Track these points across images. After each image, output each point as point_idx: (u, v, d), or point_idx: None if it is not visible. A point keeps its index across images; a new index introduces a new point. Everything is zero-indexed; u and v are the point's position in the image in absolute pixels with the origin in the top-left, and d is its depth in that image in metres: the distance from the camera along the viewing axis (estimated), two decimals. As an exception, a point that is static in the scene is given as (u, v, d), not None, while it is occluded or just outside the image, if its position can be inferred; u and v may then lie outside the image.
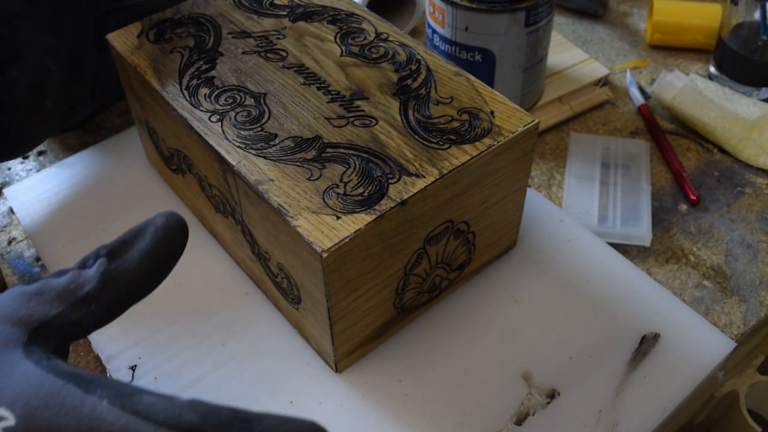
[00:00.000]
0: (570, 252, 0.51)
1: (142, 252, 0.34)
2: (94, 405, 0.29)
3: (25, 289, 0.33)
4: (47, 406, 0.29)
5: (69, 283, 0.33)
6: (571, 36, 0.77)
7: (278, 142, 0.41)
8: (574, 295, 0.48)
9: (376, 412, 0.42)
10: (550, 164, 0.62)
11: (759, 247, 0.55)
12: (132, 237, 0.34)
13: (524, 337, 0.46)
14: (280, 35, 0.48)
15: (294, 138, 0.41)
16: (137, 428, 0.28)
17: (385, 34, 0.48)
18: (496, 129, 0.41)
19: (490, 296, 0.48)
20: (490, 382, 0.43)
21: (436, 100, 0.43)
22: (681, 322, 0.46)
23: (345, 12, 0.50)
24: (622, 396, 0.43)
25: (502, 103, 0.43)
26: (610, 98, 0.68)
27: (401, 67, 0.45)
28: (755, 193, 0.59)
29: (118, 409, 0.29)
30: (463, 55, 0.60)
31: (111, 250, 0.34)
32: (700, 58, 0.74)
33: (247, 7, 0.51)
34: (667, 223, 0.57)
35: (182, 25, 0.50)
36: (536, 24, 0.58)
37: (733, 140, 0.62)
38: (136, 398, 0.29)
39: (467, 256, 0.46)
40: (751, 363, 0.59)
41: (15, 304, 0.33)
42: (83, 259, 0.34)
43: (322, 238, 0.36)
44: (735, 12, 0.66)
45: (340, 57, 0.46)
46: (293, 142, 0.41)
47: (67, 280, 0.33)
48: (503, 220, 0.47)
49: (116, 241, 0.34)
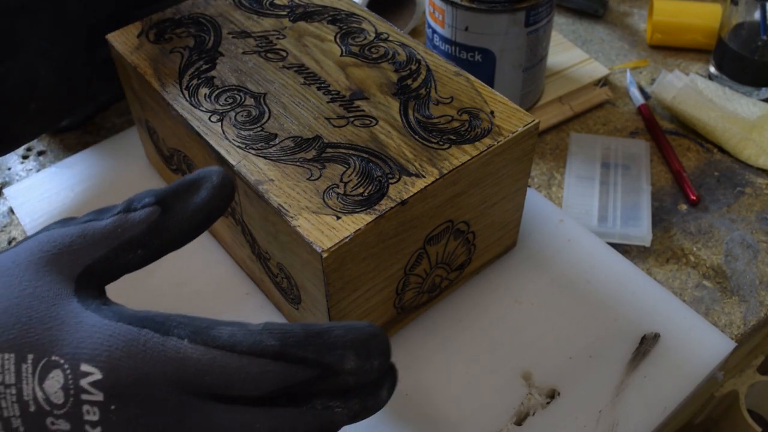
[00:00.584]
0: (570, 252, 0.51)
1: (196, 208, 0.33)
2: (177, 346, 0.29)
3: (65, 231, 0.32)
4: (130, 354, 0.29)
5: (115, 226, 0.32)
6: (571, 36, 0.77)
7: (278, 142, 0.41)
8: (574, 295, 0.48)
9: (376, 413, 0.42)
10: (550, 164, 0.62)
11: (759, 247, 0.55)
12: (185, 190, 0.33)
13: (524, 337, 0.46)
14: (280, 35, 0.48)
15: (294, 138, 0.41)
16: (224, 362, 0.29)
17: (385, 34, 0.48)
18: (496, 129, 0.41)
19: (490, 296, 0.48)
20: (490, 382, 0.43)
21: (436, 100, 0.43)
22: (681, 322, 0.46)
23: (345, 12, 0.50)
24: (622, 396, 0.43)
25: (502, 103, 0.43)
26: (610, 98, 0.68)
27: (401, 67, 0.45)
28: (755, 193, 0.59)
29: (201, 347, 0.29)
30: (463, 55, 0.60)
31: (162, 200, 0.33)
32: (700, 58, 0.74)
33: (247, 7, 0.51)
34: (667, 223, 0.57)
35: (182, 25, 0.50)
36: (536, 24, 0.58)
37: (733, 140, 0.62)
38: (214, 332, 0.29)
39: (467, 256, 0.46)
40: (751, 363, 0.59)
41: (57, 250, 0.32)
42: (128, 201, 0.33)
43: (322, 238, 0.36)
44: (735, 12, 0.66)
45: (340, 57, 0.46)
46: (293, 142, 0.41)
47: (112, 223, 0.32)
48: (503, 220, 0.47)
49: (168, 191, 0.33)
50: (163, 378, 0.29)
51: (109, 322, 0.30)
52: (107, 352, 0.29)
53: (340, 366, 0.30)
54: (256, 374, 0.29)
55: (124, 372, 0.29)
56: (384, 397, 0.32)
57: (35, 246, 0.32)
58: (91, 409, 0.29)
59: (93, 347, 0.29)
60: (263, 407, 0.30)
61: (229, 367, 0.29)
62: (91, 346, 0.29)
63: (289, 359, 0.29)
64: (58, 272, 0.31)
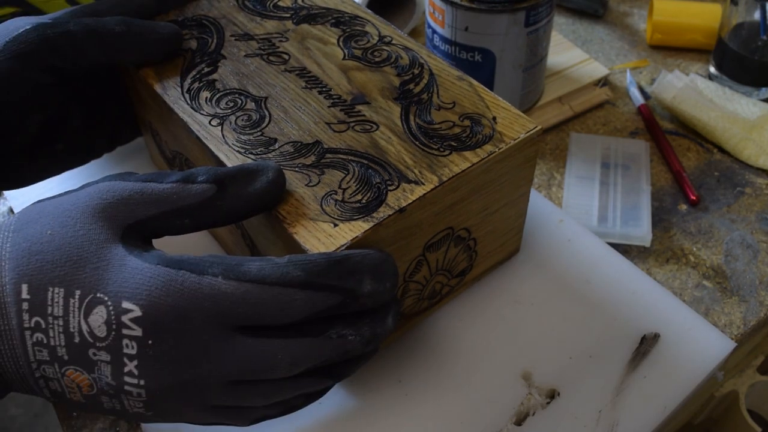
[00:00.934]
0: (570, 252, 0.51)
1: (248, 197, 0.36)
2: (212, 283, 0.32)
3: (126, 185, 0.35)
4: (168, 293, 0.31)
5: (172, 192, 0.35)
6: (571, 36, 0.77)
7: (278, 147, 0.41)
8: (574, 295, 0.48)
9: (376, 412, 0.42)
10: (550, 164, 0.62)
11: (759, 247, 0.55)
12: (242, 177, 0.36)
13: (524, 337, 0.46)
14: (283, 38, 0.48)
15: (294, 143, 0.41)
16: (255, 294, 0.32)
17: (389, 38, 0.48)
18: (497, 135, 0.41)
19: (490, 296, 0.48)
20: (490, 382, 0.44)
21: (438, 105, 0.43)
22: (681, 322, 0.47)
23: (349, 15, 0.50)
24: (622, 396, 0.43)
25: (505, 108, 0.43)
26: (610, 98, 0.68)
27: (404, 71, 0.45)
28: (755, 193, 0.59)
29: (234, 281, 0.32)
30: (463, 55, 0.60)
31: (221, 180, 0.35)
32: (700, 58, 0.74)
33: (251, 9, 0.51)
34: (667, 223, 0.57)
35: (185, 27, 0.50)
36: (536, 24, 0.58)
37: (733, 140, 0.62)
38: (244, 267, 0.32)
39: (468, 263, 0.46)
40: (751, 363, 0.59)
41: (115, 200, 0.34)
42: (188, 173, 0.35)
43: (319, 246, 0.36)
44: (735, 12, 0.66)
45: (342, 60, 0.46)
46: (293, 147, 0.41)
47: (170, 189, 0.35)
48: (505, 227, 0.47)
49: (228, 174, 0.36)
50: (199, 313, 0.31)
51: (149, 265, 0.32)
52: (147, 291, 0.32)
53: (359, 289, 0.33)
54: (285, 303, 0.32)
55: (162, 309, 0.31)
56: (390, 324, 0.35)
57: (95, 193, 0.34)
58: (129, 342, 0.32)
59: (134, 287, 0.32)
60: (286, 339, 0.32)
61: (261, 297, 0.32)
62: (132, 286, 0.32)
63: (314, 287, 0.32)
64: (111, 220, 0.34)
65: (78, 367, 0.32)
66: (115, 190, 0.34)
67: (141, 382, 0.32)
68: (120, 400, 0.33)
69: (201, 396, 0.33)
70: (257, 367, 0.32)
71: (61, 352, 0.32)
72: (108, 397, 0.33)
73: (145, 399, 0.33)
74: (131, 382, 0.32)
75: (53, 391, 0.33)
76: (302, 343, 0.33)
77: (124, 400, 0.33)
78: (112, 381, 0.32)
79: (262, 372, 0.33)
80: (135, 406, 0.33)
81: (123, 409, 0.34)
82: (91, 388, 0.33)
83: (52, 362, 0.32)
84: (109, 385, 0.32)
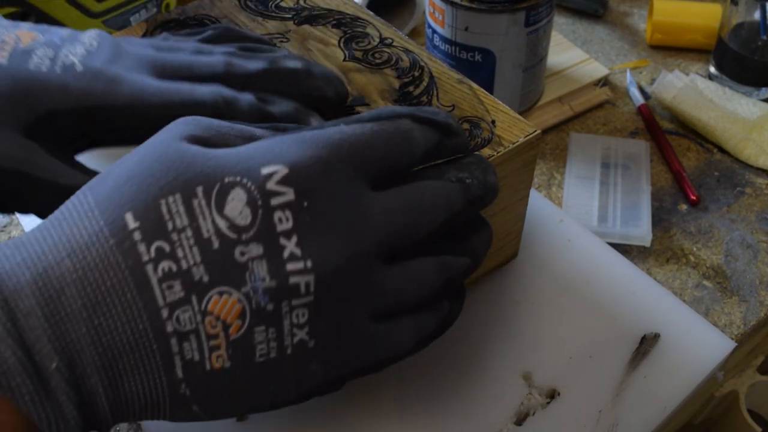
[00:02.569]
0: (570, 252, 0.51)
1: None
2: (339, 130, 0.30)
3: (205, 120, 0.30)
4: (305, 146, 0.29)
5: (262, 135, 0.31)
6: (571, 36, 0.77)
7: None
8: (574, 295, 0.48)
9: (376, 412, 0.42)
10: (550, 164, 0.62)
11: (759, 247, 0.55)
12: None
13: (524, 337, 0.46)
14: (284, 38, 0.48)
15: None
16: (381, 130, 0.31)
17: (390, 39, 0.48)
18: (496, 139, 0.41)
19: (489, 296, 0.48)
20: (490, 382, 0.44)
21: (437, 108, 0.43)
22: (681, 322, 0.47)
23: (350, 16, 0.50)
24: (622, 396, 0.43)
25: (504, 112, 0.43)
26: (610, 98, 0.69)
27: (404, 73, 0.45)
28: (755, 193, 0.60)
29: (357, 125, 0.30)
30: (463, 55, 0.60)
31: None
32: (700, 58, 0.74)
33: (253, 9, 0.51)
34: (667, 223, 0.57)
35: (187, 26, 0.50)
36: (536, 24, 0.58)
37: (733, 140, 0.62)
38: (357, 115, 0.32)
39: None
40: (751, 363, 0.59)
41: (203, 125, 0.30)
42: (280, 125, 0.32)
43: None
44: (735, 12, 0.66)
45: (342, 62, 0.46)
46: None
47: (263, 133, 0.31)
48: (503, 231, 0.47)
49: None
50: (341, 160, 0.29)
51: (266, 139, 0.29)
52: (282, 150, 0.28)
53: (450, 124, 0.33)
54: (408, 135, 0.31)
55: (307, 162, 0.28)
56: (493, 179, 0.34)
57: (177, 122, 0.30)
58: (283, 215, 0.27)
59: (265, 153, 0.28)
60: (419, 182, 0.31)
61: (387, 133, 0.30)
62: (262, 153, 0.28)
63: (418, 120, 0.32)
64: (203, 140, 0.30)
65: (223, 285, 0.27)
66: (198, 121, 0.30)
67: (308, 264, 0.27)
68: (279, 321, 0.28)
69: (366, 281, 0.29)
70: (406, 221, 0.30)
71: (199, 273, 0.26)
72: (264, 326, 0.27)
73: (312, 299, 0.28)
74: (296, 268, 0.27)
75: (187, 363, 0.27)
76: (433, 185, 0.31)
77: (285, 318, 0.28)
78: (272, 281, 0.27)
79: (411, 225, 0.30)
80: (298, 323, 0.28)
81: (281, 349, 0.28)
82: (242, 317, 0.27)
83: (189, 297, 0.26)
84: (267, 293, 0.27)
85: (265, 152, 0.28)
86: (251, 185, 0.27)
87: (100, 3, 0.64)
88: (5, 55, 0.34)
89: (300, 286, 0.27)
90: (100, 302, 0.26)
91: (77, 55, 0.35)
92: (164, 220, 0.26)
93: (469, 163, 0.33)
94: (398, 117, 0.31)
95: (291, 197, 0.27)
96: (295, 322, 0.28)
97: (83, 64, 0.35)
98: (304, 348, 0.29)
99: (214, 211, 0.26)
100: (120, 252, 0.26)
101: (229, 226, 0.26)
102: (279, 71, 0.38)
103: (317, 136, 0.29)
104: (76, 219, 0.27)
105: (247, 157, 0.28)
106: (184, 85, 0.36)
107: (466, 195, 0.32)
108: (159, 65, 0.36)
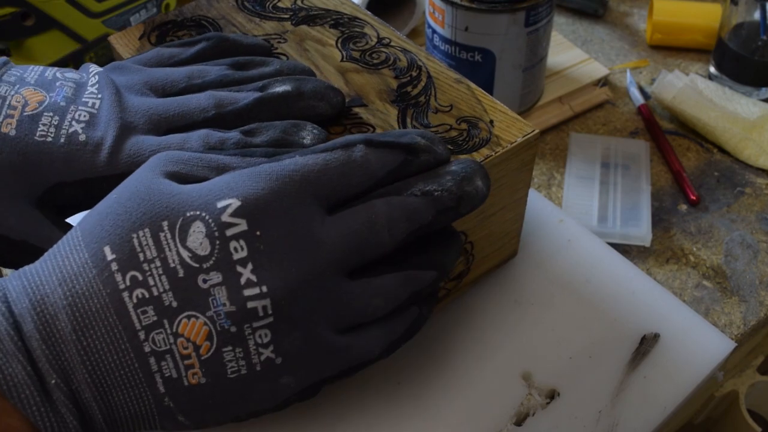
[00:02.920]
0: (570, 252, 0.51)
1: None
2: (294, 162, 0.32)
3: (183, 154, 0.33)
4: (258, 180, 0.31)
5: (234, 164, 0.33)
6: (571, 36, 0.77)
7: None
8: (574, 295, 0.48)
9: (376, 413, 0.42)
10: (550, 164, 0.62)
11: (759, 247, 0.55)
12: None
13: (524, 337, 0.46)
14: (282, 39, 0.48)
15: None
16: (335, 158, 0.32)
17: (387, 39, 0.48)
18: (494, 139, 0.41)
19: (489, 296, 0.48)
20: (490, 382, 0.44)
21: (435, 108, 0.43)
22: (681, 322, 0.47)
23: (348, 16, 0.50)
24: (622, 396, 0.43)
25: (503, 112, 0.42)
26: (610, 98, 0.68)
27: (402, 73, 0.45)
28: (755, 193, 0.59)
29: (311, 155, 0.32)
30: (463, 55, 0.60)
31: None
32: (700, 58, 0.74)
33: (250, 10, 0.51)
34: (667, 223, 0.57)
35: (184, 27, 0.50)
36: (536, 24, 0.58)
37: (733, 140, 0.62)
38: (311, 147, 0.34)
39: (465, 266, 0.46)
40: (751, 363, 0.59)
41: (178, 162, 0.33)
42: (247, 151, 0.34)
43: None
44: (735, 12, 0.66)
45: (340, 62, 0.46)
46: None
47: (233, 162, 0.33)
48: (502, 230, 0.47)
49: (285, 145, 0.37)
50: (293, 190, 0.31)
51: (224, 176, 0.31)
52: (236, 185, 0.30)
53: (415, 144, 0.34)
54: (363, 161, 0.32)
55: (259, 195, 0.30)
56: (481, 187, 0.34)
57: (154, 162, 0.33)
58: (237, 244, 0.29)
59: (221, 188, 0.30)
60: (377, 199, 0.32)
61: (341, 161, 0.32)
62: (219, 188, 0.30)
63: (375, 144, 0.33)
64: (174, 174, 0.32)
65: (190, 310, 0.29)
66: (172, 156, 0.33)
67: (263, 289, 0.29)
68: (244, 342, 0.30)
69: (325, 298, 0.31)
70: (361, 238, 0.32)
71: (168, 299, 0.29)
72: (231, 347, 0.30)
73: (272, 321, 0.30)
74: (252, 293, 0.29)
75: (167, 380, 0.30)
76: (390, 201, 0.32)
77: (249, 339, 0.30)
78: (232, 306, 0.29)
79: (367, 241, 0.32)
80: (262, 343, 0.30)
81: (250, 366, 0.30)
82: (210, 339, 0.29)
83: (161, 320, 0.29)
84: (229, 317, 0.29)
85: (222, 187, 0.30)
86: (209, 218, 0.29)
87: (100, 3, 0.65)
88: (13, 124, 0.37)
89: (258, 309, 0.30)
90: (88, 326, 0.29)
91: (81, 122, 0.37)
92: (136, 251, 0.29)
93: (441, 174, 0.34)
94: (352, 144, 0.33)
95: (244, 227, 0.29)
96: (260, 342, 0.30)
97: (86, 133, 0.37)
98: (272, 364, 0.31)
99: (178, 243, 0.29)
100: (101, 281, 0.29)
101: (191, 256, 0.29)
102: (270, 100, 0.39)
103: (271, 169, 0.31)
104: (67, 251, 0.31)
105: (207, 191, 0.30)
106: (177, 137, 0.38)
107: (435, 206, 0.33)
108: (155, 119, 0.38)
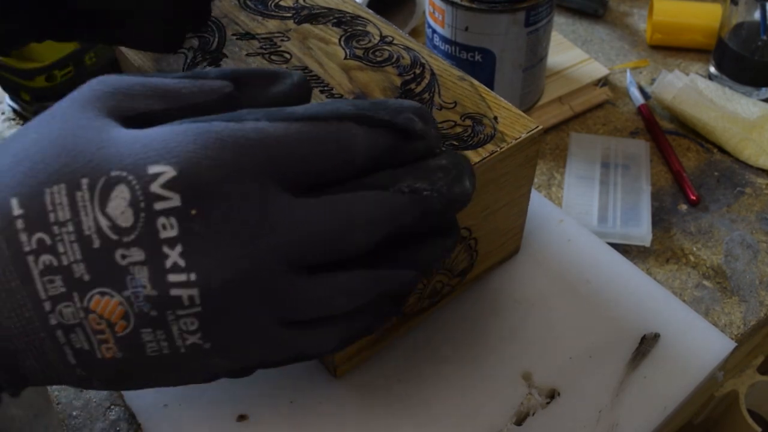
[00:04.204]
0: (570, 252, 0.51)
1: (272, 97, 0.30)
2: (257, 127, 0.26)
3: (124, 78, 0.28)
4: (206, 145, 0.25)
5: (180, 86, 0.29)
6: (571, 36, 0.77)
7: None
8: (574, 295, 0.48)
9: (376, 412, 0.42)
10: (550, 164, 0.62)
11: (759, 247, 0.55)
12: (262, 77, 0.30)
13: (524, 337, 0.46)
14: (285, 37, 0.48)
15: None
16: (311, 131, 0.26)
17: (390, 37, 0.48)
18: (499, 135, 0.41)
19: (489, 296, 0.48)
20: (490, 382, 0.44)
21: (439, 105, 0.43)
22: (681, 322, 0.47)
23: (350, 14, 0.50)
24: (622, 396, 0.43)
25: (506, 108, 0.43)
26: (610, 98, 0.69)
27: (405, 71, 0.45)
28: (755, 193, 0.60)
29: (282, 123, 0.26)
30: (463, 55, 0.60)
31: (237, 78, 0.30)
32: (700, 58, 0.74)
33: (253, 9, 0.51)
34: (667, 223, 0.57)
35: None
36: (536, 24, 0.58)
37: (733, 140, 0.62)
38: (289, 109, 0.27)
39: (469, 262, 0.46)
40: (751, 363, 0.59)
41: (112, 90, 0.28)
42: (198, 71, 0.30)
43: None
44: (735, 12, 0.66)
45: (344, 60, 0.46)
46: None
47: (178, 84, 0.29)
48: (506, 227, 0.47)
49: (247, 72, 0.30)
50: (249, 163, 0.25)
51: (171, 126, 0.26)
52: (177, 147, 0.25)
53: (411, 127, 0.28)
54: (345, 139, 0.27)
55: (202, 165, 0.25)
56: (468, 187, 0.30)
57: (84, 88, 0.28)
58: (167, 221, 0.25)
59: (159, 147, 0.25)
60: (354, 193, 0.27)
61: (317, 135, 0.27)
62: (156, 147, 0.25)
63: (368, 122, 0.28)
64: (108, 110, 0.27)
65: (104, 287, 0.25)
66: (109, 82, 0.28)
67: (192, 277, 0.25)
68: (167, 326, 0.26)
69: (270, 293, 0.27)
70: (329, 235, 0.27)
71: (79, 270, 0.25)
72: (151, 329, 0.26)
73: (200, 310, 0.26)
74: (178, 280, 0.25)
75: (78, 352, 0.26)
76: (374, 197, 0.27)
77: (172, 324, 0.26)
78: (153, 290, 0.25)
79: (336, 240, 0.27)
80: (187, 330, 0.26)
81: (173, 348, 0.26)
82: (127, 319, 0.25)
83: (70, 293, 0.25)
84: (149, 300, 0.25)
85: (159, 146, 0.25)
86: (136, 184, 0.25)
87: (100, 2, 0.64)
88: None
89: (182, 298, 0.25)
90: None
91: None
92: (47, 210, 0.25)
93: (432, 169, 0.29)
94: (339, 119, 0.27)
95: (177, 203, 0.25)
96: (185, 329, 0.26)
97: None
98: (200, 349, 0.27)
99: (97, 208, 0.25)
100: (4, 238, 0.25)
101: (111, 226, 0.25)
102: None
103: (228, 132, 0.26)
104: None
105: (141, 147, 0.25)
106: None
107: (420, 208, 0.28)
108: None
